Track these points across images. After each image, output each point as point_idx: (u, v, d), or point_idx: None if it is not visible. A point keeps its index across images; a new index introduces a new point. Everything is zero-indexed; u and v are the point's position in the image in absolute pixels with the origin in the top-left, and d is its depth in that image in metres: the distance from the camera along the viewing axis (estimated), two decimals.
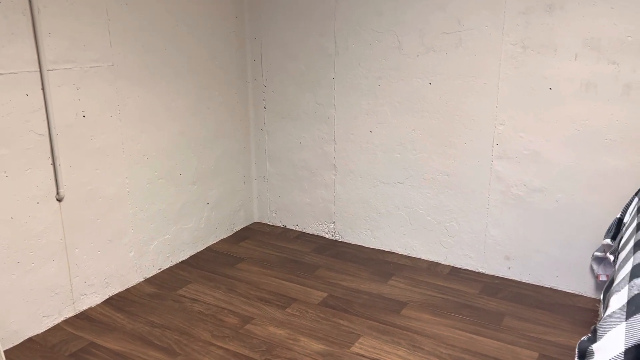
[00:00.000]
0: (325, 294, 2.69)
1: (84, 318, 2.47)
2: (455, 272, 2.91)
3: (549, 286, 2.73)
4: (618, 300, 1.40)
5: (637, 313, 1.24)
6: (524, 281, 2.78)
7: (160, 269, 2.93)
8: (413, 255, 3.09)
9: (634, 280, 1.40)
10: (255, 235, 3.43)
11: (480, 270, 2.90)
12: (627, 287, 1.42)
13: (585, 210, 2.54)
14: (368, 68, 2.95)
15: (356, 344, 2.28)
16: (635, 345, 1.16)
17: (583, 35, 2.38)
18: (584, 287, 2.64)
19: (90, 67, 2.39)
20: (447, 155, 2.85)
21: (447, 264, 3.00)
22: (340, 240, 3.32)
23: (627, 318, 1.26)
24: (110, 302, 2.61)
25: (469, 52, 2.65)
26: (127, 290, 2.72)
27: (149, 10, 2.62)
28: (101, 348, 2.25)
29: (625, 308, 1.31)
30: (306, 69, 3.14)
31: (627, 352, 1.17)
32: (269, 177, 3.49)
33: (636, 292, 1.33)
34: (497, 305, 2.57)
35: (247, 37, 3.29)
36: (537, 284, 2.76)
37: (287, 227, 3.51)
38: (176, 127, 2.89)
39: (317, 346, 2.26)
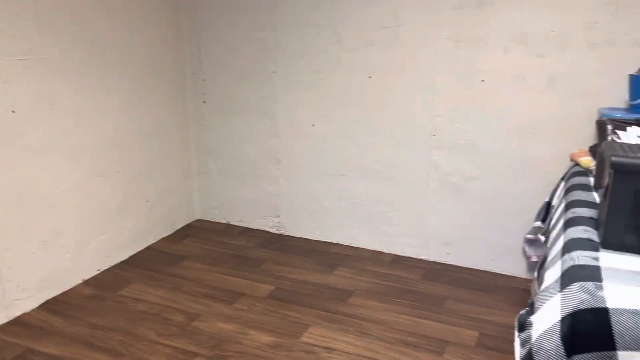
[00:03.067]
0: (272, 287, 2.69)
1: (18, 324, 2.34)
2: (398, 260, 3.00)
3: (486, 269, 2.87)
4: (552, 274, 1.50)
5: (571, 284, 1.33)
6: (463, 266, 2.90)
7: (99, 270, 2.82)
8: (357, 246, 3.15)
9: (566, 255, 1.51)
10: (197, 232, 3.37)
11: (422, 257, 3.01)
12: (560, 262, 1.52)
13: (517, 195, 2.69)
14: (309, 62, 2.97)
15: (305, 333, 2.30)
16: (570, 313, 1.25)
17: (511, 30, 2.51)
18: (518, 268, 2.80)
19: (19, 59, 2.26)
20: (387, 147, 2.92)
21: (390, 252, 3.08)
22: (285, 234, 3.33)
23: (561, 289, 1.35)
24: (46, 306, 2.49)
25: (406, 46, 2.74)
26: (64, 293, 2.60)
27: (80, 0, 2.51)
28: (39, 354, 2.14)
29: (560, 281, 1.41)
30: (247, 63, 3.12)
31: (563, 320, 1.25)
32: (210, 173, 3.44)
33: (568, 265, 1.44)
34: (438, 290, 2.68)
35: (185, 30, 3.22)
36: (475, 268, 2.89)
37: (231, 223, 3.48)
38: (111, 122, 2.79)
39: (266, 338, 2.26)
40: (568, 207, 1.94)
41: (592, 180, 2.10)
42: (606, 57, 2.38)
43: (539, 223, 2.43)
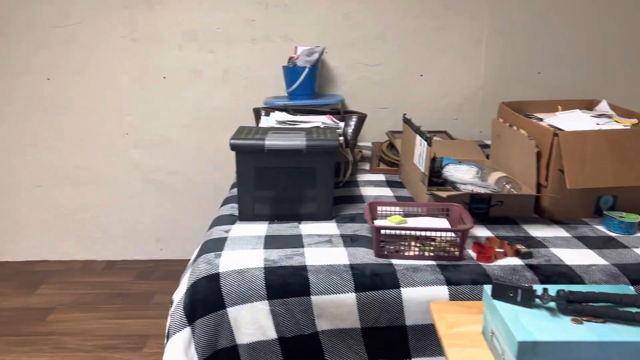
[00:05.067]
0: None
1: None
2: (111, 265, 2.92)
3: None
4: (195, 251, 1.63)
5: (198, 257, 1.47)
6: (174, 259, 2.97)
7: None
8: (66, 259, 2.97)
9: (208, 231, 1.66)
10: None
11: (136, 257, 2.98)
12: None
13: (214, 185, 2.85)
14: None
15: None
16: (191, 284, 1.38)
17: (182, 28, 2.63)
18: None
19: None
20: (84, 151, 2.81)
21: (103, 259, 2.98)
22: None
23: (192, 263, 1.49)
24: None
25: (84, 45, 2.65)
26: None
27: None
28: None
29: (194, 256, 1.54)
30: None
31: (187, 291, 1.38)
32: None
33: (204, 241, 1.58)
34: (148, 287, 2.69)
35: None
36: (187, 258, 2.98)
37: None
38: None
39: None
40: (232, 187, 2.13)
41: None
42: (266, 51, 2.67)
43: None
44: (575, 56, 2.68)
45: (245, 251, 1.46)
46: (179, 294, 1.42)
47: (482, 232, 1.59)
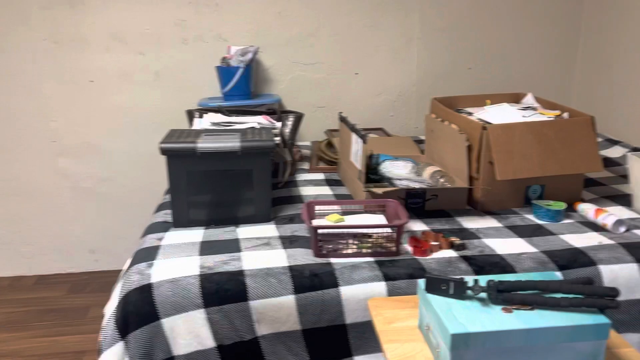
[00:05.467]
0: None
1: None
2: (43, 280, 2.77)
3: None
4: (127, 262, 1.56)
5: (129, 269, 1.41)
6: (111, 269, 2.85)
7: None
8: None
9: (140, 240, 1.59)
10: None
11: (69, 270, 2.84)
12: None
13: (149, 191, 2.75)
14: None
15: None
16: (122, 297, 1.32)
17: (109, 29, 2.53)
18: None
19: None
20: (7, 161, 2.64)
21: (34, 274, 2.82)
22: None
23: (123, 275, 1.42)
24: None
25: (2, 48, 2.49)
26: None
27: None
28: None
29: (125, 267, 1.48)
30: None
31: (118, 305, 1.32)
32: None
33: (135, 251, 1.51)
34: (83, 301, 2.57)
35: None
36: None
37: None
38: None
39: None
40: (166, 193, 2.06)
41: None
42: (198, 51, 2.60)
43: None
44: (502, 52, 2.78)
45: (180, 259, 1.41)
46: (111, 308, 1.36)
47: (418, 226, 1.62)
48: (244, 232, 1.59)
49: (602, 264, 1.37)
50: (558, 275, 1.08)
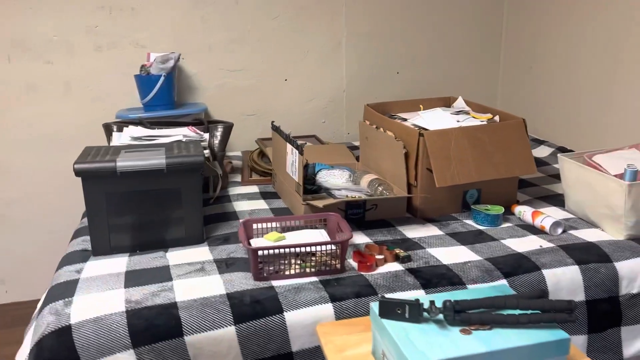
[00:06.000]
0: None
1: None
2: None
3: None
4: (41, 300, 1.38)
5: (43, 308, 1.23)
6: (23, 301, 2.58)
7: None
8: None
9: (55, 273, 1.42)
10: None
11: None
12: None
13: (64, 214, 2.50)
14: None
15: None
16: (36, 342, 1.15)
17: (10, 36, 2.28)
18: None
19: None
20: None
21: None
22: None
23: (37, 316, 1.25)
24: None
25: None
26: None
27: None
28: None
29: (39, 306, 1.30)
30: None
31: (31, 352, 1.15)
32: None
33: (51, 286, 1.34)
34: None
35: None
36: (37, 299, 2.61)
37: None
38: None
39: None
40: (83, 216, 1.87)
41: None
42: (113, 59, 2.41)
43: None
44: (429, 56, 2.79)
45: (102, 293, 1.26)
46: (22, 355, 1.18)
47: (360, 238, 1.56)
48: (175, 257, 1.46)
49: (545, 269, 1.36)
50: (509, 288, 1.04)
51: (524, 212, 1.65)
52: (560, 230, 1.55)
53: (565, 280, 1.36)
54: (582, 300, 1.37)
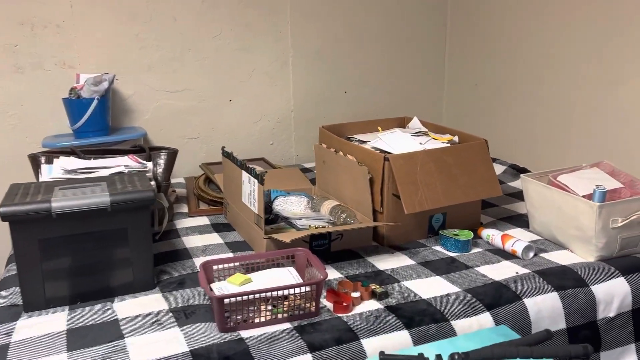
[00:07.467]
0: None
1: None
2: None
3: None
4: None
5: None
6: None
7: None
8: None
9: None
10: None
11: None
12: None
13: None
14: None
15: None
16: None
17: None
18: None
19: None
20: None
21: None
22: None
23: None
24: None
25: None
26: None
27: None
28: None
29: None
30: None
31: None
32: None
33: None
34: None
35: None
36: None
37: None
38: None
39: None
40: (8, 262, 1.63)
41: None
42: (38, 81, 2.17)
43: None
44: (375, 75, 2.75)
45: None
46: None
47: (330, 273, 1.44)
48: (124, 307, 1.28)
49: (525, 297, 1.31)
50: (510, 330, 0.97)
51: (492, 235, 1.61)
52: (531, 254, 1.52)
53: (546, 309, 1.31)
54: (563, 328, 1.33)
